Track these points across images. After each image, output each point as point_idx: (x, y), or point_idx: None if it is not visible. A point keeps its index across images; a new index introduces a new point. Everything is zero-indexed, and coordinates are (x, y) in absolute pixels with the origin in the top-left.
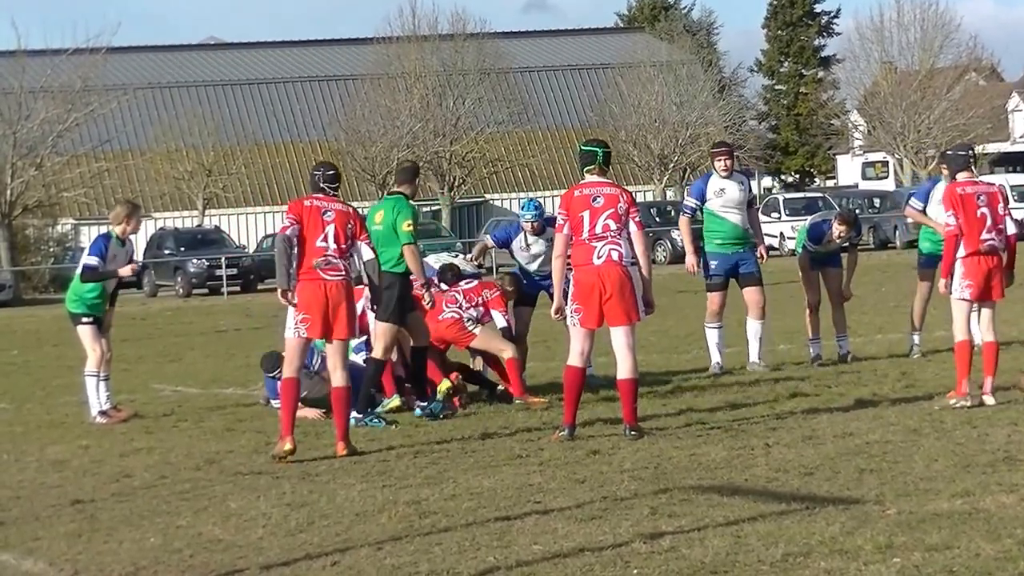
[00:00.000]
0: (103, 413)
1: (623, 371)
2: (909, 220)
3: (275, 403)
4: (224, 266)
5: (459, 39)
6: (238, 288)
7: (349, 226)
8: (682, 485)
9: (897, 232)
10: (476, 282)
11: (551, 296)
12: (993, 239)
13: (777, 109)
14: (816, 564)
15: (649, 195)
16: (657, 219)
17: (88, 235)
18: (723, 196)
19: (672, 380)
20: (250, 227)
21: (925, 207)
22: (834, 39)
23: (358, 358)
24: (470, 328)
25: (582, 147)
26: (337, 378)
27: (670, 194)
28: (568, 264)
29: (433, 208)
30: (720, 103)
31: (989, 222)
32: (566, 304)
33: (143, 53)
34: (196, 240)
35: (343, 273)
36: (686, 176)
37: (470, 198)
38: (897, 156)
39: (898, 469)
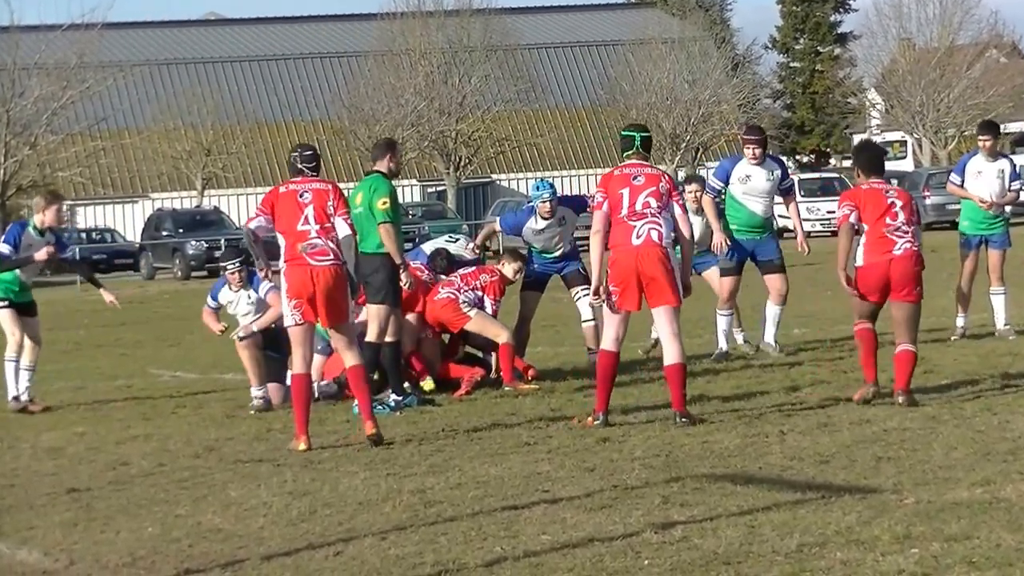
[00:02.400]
0: (16, 399)
1: (670, 356)
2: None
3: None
4: (224, 248)
5: (465, 15)
6: None
7: (330, 203)
8: (694, 473)
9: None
10: (474, 268)
11: (565, 281)
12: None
13: (792, 87)
14: (832, 555)
15: None
16: None
17: (84, 216)
18: (747, 183)
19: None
20: (250, 208)
21: (963, 182)
22: (851, 15)
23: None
24: (465, 310)
25: (621, 132)
26: (349, 358)
27: (682, 174)
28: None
29: (439, 189)
30: (733, 81)
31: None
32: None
33: (140, 29)
34: (195, 221)
35: (331, 257)
36: (698, 156)
37: (476, 178)
38: (916, 136)
39: (916, 457)
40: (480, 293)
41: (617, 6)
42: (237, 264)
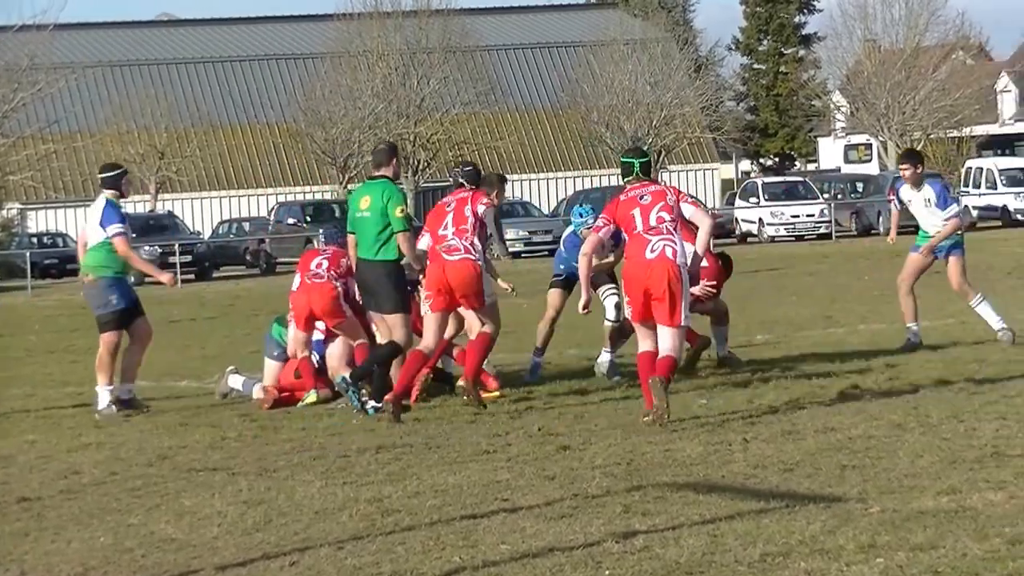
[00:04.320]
0: None
1: (664, 351)
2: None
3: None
4: (178, 253)
5: (423, 15)
6: (192, 276)
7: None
8: (656, 482)
9: (880, 218)
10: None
11: (592, 280)
12: None
13: (756, 89)
14: (796, 564)
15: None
16: None
17: (35, 220)
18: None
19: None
20: (204, 212)
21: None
22: (815, 16)
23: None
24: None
25: (621, 159)
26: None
27: None
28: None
29: None
30: (696, 83)
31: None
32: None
33: (93, 30)
34: (148, 226)
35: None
36: (661, 159)
37: (435, 182)
38: (881, 139)
39: (881, 465)
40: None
41: (578, 7)
42: None
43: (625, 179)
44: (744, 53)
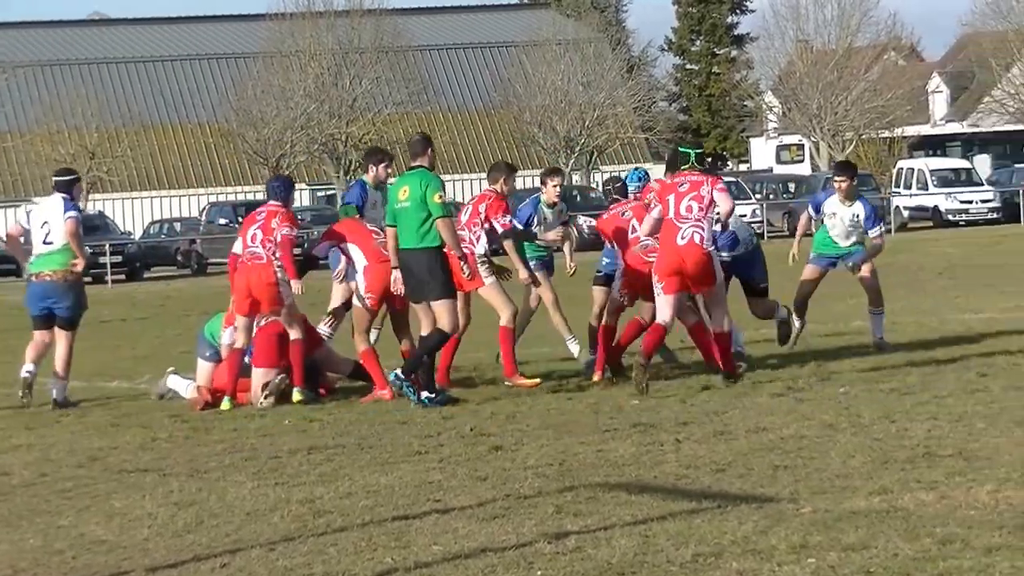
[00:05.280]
0: None
1: (716, 326)
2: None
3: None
4: (108, 253)
5: (356, 15)
6: (123, 277)
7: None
8: (588, 483)
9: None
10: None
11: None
12: None
13: (688, 90)
14: (728, 565)
15: None
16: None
17: None
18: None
19: (579, 374)
20: (136, 213)
21: (817, 218)
22: (748, 16)
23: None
24: (483, 272)
25: (679, 148)
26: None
27: (576, 178)
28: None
29: (328, 193)
30: (629, 83)
31: None
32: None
33: (23, 29)
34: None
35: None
36: (593, 159)
37: None
38: (813, 139)
39: (813, 465)
40: (486, 227)
41: (511, 7)
42: None
43: (681, 167)
44: (676, 53)
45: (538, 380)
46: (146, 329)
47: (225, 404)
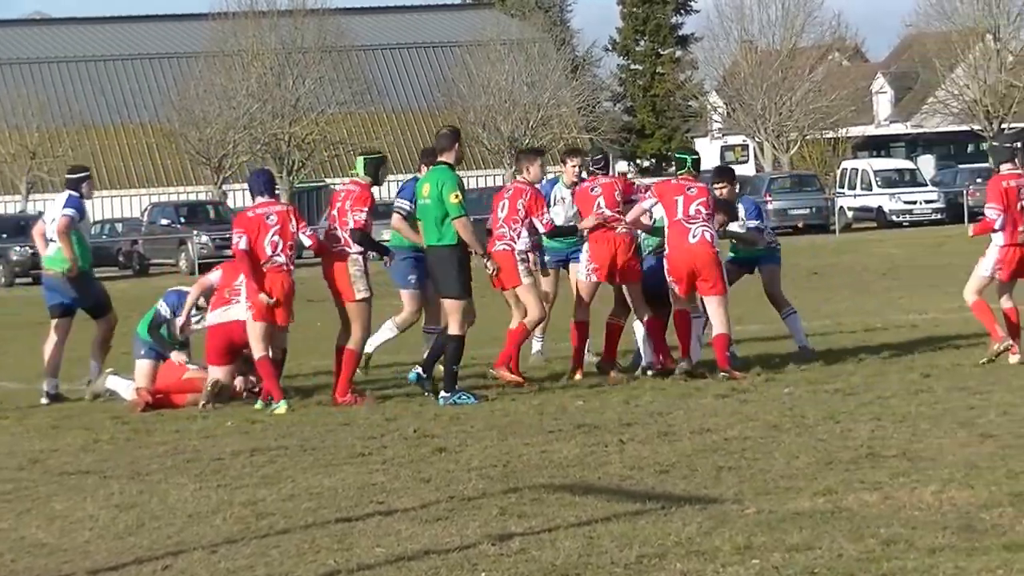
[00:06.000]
0: None
1: (716, 329)
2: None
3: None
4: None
5: (299, 15)
6: None
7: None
8: (532, 484)
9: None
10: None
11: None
12: None
13: (633, 90)
14: (672, 566)
15: (499, 179)
16: None
17: None
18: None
19: (524, 374)
20: None
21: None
22: (692, 17)
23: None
24: (521, 271)
25: (676, 154)
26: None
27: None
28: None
29: None
30: (573, 83)
31: None
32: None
33: None
34: (19, 227)
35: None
36: None
37: (311, 182)
38: (757, 139)
39: (757, 467)
40: (526, 221)
41: (454, 7)
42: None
43: (678, 172)
44: (621, 54)
45: (523, 380)
46: (86, 330)
47: (282, 408)
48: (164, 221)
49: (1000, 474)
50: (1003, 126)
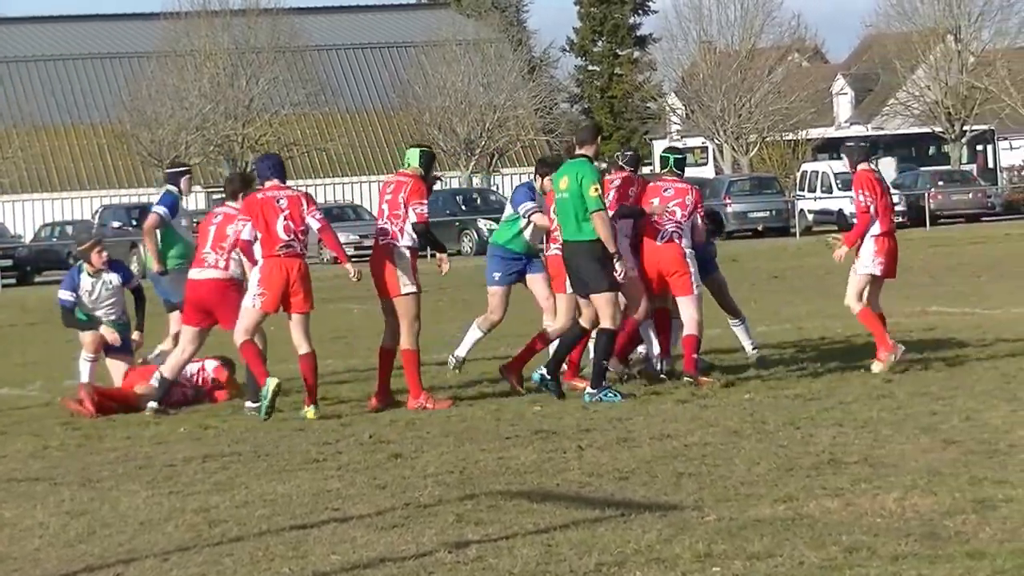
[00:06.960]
0: None
1: (688, 330)
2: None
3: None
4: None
5: (252, 15)
6: (14, 281)
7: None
8: (489, 491)
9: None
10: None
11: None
12: None
13: (590, 91)
14: (631, 574)
15: (455, 182)
16: (463, 207)
17: None
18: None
19: (481, 380)
20: (27, 215)
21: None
22: (650, 17)
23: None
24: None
25: (661, 153)
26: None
27: (476, 180)
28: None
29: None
30: (530, 85)
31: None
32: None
33: None
34: None
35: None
36: (493, 162)
37: None
38: (717, 141)
39: (718, 473)
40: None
41: (409, 7)
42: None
43: (662, 170)
44: (578, 54)
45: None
46: (36, 335)
47: (310, 413)
48: (115, 223)
49: (963, 480)
50: (964, 128)
